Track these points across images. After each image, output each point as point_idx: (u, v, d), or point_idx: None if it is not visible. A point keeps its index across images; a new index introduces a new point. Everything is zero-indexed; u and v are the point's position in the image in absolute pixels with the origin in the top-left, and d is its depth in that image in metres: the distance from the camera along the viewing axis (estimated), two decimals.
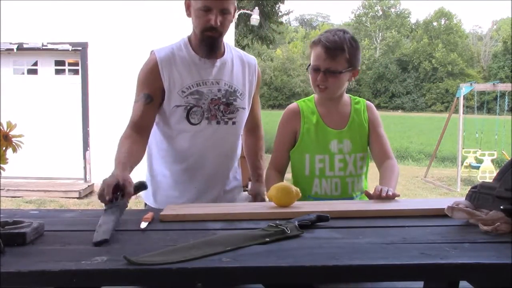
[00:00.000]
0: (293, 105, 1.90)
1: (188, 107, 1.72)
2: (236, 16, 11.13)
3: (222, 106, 1.77)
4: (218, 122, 1.77)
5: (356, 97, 1.92)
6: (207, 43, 1.71)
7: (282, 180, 1.80)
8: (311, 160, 1.80)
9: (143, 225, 1.31)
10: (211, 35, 1.69)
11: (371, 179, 1.89)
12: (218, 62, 1.78)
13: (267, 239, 1.17)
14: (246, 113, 1.87)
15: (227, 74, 1.80)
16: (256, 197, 1.92)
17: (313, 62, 1.75)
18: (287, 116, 1.88)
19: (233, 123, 1.80)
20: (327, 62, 1.71)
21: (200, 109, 1.73)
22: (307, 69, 1.80)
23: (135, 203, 6.23)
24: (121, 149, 1.59)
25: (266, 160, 1.97)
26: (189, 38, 1.79)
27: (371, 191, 1.63)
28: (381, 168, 1.82)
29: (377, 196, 1.59)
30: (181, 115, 1.72)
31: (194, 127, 1.74)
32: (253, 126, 1.98)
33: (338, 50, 1.70)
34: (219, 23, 1.65)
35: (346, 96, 1.89)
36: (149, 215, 1.39)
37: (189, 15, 1.73)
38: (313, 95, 1.90)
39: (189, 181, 1.78)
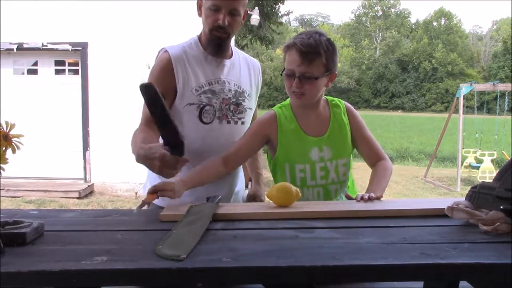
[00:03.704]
0: (270, 112, 1.78)
1: (201, 106, 1.73)
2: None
3: (232, 106, 1.79)
4: (228, 122, 1.79)
5: (333, 98, 1.82)
6: (215, 42, 1.73)
7: (222, 170, 1.71)
8: (291, 170, 1.73)
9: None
10: (218, 35, 1.71)
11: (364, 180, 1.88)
12: (228, 63, 1.80)
13: None
14: (252, 114, 1.89)
15: (236, 74, 1.82)
16: (255, 199, 1.91)
17: (288, 66, 1.65)
18: (262, 119, 1.77)
19: (242, 123, 1.83)
20: (302, 67, 1.61)
21: (212, 108, 1.75)
22: (281, 74, 1.69)
23: (136, 203, 6.24)
24: (137, 138, 1.57)
25: (264, 160, 1.96)
26: (199, 37, 1.81)
27: (386, 189, 1.63)
28: (373, 170, 1.78)
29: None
30: (194, 113, 1.73)
31: (206, 126, 1.75)
32: None
33: (314, 54, 1.60)
34: (226, 23, 1.67)
35: (323, 99, 1.80)
36: (151, 197, 1.42)
37: (200, 14, 1.75)
38: (289, 99, 1.79)
39: None
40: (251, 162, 2.01)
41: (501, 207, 1.25)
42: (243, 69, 1.86)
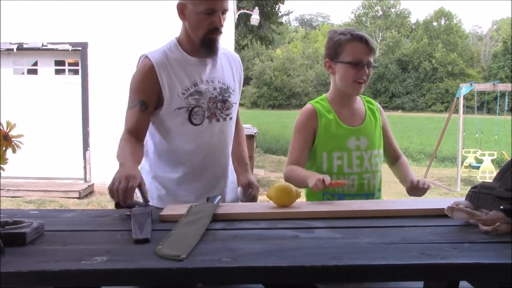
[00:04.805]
0: (308, 106, 1.90)
1: (190, 108, 1.73)
2: (236, 16, 11.13)
3: (219, 104, 1.79)
4: (218, 120, 1.79)
5: (365, 96, 1.96)
6: (209, 44, 1.72)
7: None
8: (329, 158, 1.82)
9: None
10: (214, 37, 1.71)
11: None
12: (209, 61, 1.79)
13: None
14: (237, 108, 1.91)
15: (219, 71, 1.82)
16: (251, 186, 1.89)
17: (354, 56, 1.78)
18: (305, 117, 1.88)
19: (230, 118, 1.84)
20: (370, 56, 1.79)
21: (201, 109, 1.75)
22: (348, 62, 1.78)
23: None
24: (125, 149, 1.61)
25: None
26: (179, 40, 1.79)
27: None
28: (397, 163, 1.97)
29: (414, 187, 1.77)
30: (183, 117, 1.73)
31: (197, 127, 1.75)
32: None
33: (373, 44, 1.81)
34: (223, 24, 1.68)
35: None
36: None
37: (183, 18, 1.72)
38: (324, 95, 1.92)
39: (196, 179, 1.80)
40: (238, 153, 1.99)
41: (501, 207, 1.25)
42: (225, 65, 1.86)
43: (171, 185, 1.81)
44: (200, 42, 1.72)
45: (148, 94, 1.71)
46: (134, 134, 1.69)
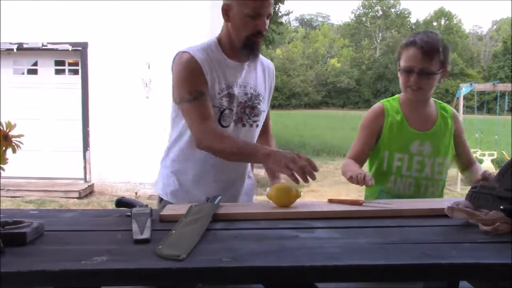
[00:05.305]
0: (378, 105, 1.92)
1: (222, 109, 1.74)
2: None
3: (248, 110, 1.80)
4: (243, 125, 1.80)
5: (441, 102, 1.94)
6: (252, 47, 1.72)
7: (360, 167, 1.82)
8: (390, 157, 1.83)
9: None
10: (256, 40, 1.71)
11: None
12: (246, 66, 1.79)
13: None
14: (264, 116, 1.90)
15: (252, 77, 1.82)
16: (273, 173, 1.87)
17: (406, 63, 1.77)
18: (373, 115, 1.89)
19: (256, 126, 1.85)
20: (422, 63, 1.74)
21: (231, 112, 1.76)
22: (398, 70, 1.83)
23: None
24: (238, 140, 1.68)
25: None
26: (219, 40, 1.78)
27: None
28: (471, 169, 1.93)
29: (485, 179, 1.66)
30: (215, 116, 1.73)
31: (224, 129, 1.75)
32: (265, 126, 1.98)
33: (434, 51, 1.74)
34: (266, 29, 1.69)
35: (431, 100, 1.91)
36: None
37: (227, 19, 1.72)
38: (397, 95, 1.93)
39: (212, 180, 1.80)
40: None
41: (501, 207, 1.25)
42: (258, 72, 1.86)
43: (187, 182, 1.82)
44: (242, 44, 1.72)
45: (202, 84, 1.69)
46: (208, 119, 1.68)
